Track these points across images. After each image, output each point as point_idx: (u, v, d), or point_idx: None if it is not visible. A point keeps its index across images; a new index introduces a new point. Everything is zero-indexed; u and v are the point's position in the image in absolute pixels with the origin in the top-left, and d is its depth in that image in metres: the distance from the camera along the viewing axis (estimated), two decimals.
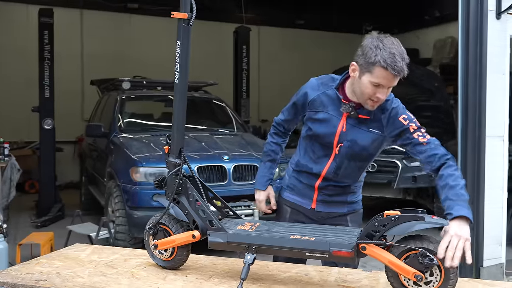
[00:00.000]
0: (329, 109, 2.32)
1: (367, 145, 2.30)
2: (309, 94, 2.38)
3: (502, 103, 4.61)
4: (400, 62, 2.10)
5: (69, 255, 2.50)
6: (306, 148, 2.46)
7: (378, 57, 2.09)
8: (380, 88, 2.14)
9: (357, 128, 2.29)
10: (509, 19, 4.58)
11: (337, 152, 2.33)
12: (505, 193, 4.71)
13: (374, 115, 2.26)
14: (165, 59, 10.98)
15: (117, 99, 6.53)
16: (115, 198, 5.18)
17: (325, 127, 2.33)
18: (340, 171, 2.38)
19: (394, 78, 2.13)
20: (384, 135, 2.28)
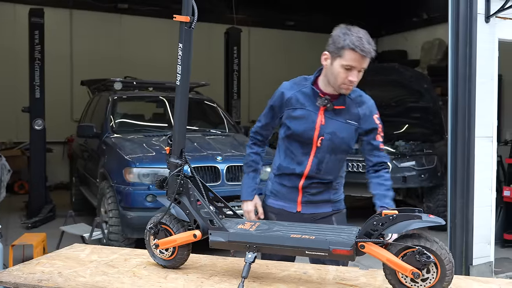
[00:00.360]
0: (306, 105, 2.42)
1: (346, 136, 2.42)
2: (285, 93, 2.47)
3: (491, 105, 4.70)
4: (367, 44, 2.25)
5: (69, 255, 2.52)
6: (286, 150, 2.51)
7: (347, 41, 2.24)
8: (352, 71, 2.28)
9: (335, 121, 2.40)
10: (498, 23, 4.68)
11: (319, 145, 2.42)
12: (493, 193, 4.81)
13: (349, 106, 2.40)
14: (155, 60, 11.06)
15: (109, 100, 6.52)
16: (108, 199, 5.19)
17: (304, 123, 2.41)
18: (322, 166, 2.45)
19: (363, 59, 2.27)
20: (358, 127, 2.42)
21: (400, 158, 6.57)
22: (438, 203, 6.56)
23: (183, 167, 2.21)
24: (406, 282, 1.92)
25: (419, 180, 6.44)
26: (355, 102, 2.40)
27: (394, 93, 7.44)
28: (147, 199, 4.95)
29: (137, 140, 5.77)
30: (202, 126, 6.86)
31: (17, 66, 9.51)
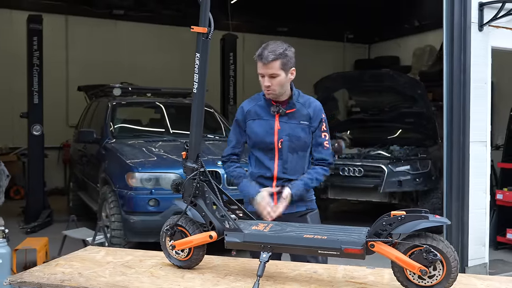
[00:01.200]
0: (263, 115, 2.74)
1: (302, 136, 2.71)
2: (244, 107, 2.81)
3: (484, 111, 4.85)
4: (266, 53, 2.58)
5: (85, 257, 2.60)
6: (255, 159, 2.78)
7: (256, 54, 2.64)
8: (264, 77, 2.64)
9: (290, 124, 2.71)
10: (491, 31, 4.84)
11: (280, 147, 2.69)
12: (488, 196, 4.95)
13: (300, 109, 2.72)
14: (150, 65, 11.14)
15: (109, 106, 6.59)
16: (110, 203, 5.26)
17: (264, 130, 2.71)
18: (287, 165, 2.71)
19: (265, 66, 2.60)
20: (311, 125, 2.73)
21: (395, 163, 6.70)
22: (433, 206, 6.69)
23: (199, 171, 2.30)
24: (414, 279, 2.03)
25: (414, 184, 6.58)
26: (304, 105, 2.74)
27: (389, 98, 7.58)
28: (149, 203, 5.02)
29: (137, 145, 5.84)
30: None
31: (13, 72, 9.52)
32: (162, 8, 11.24)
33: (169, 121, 6.81)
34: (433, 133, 7.36)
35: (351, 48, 14.05)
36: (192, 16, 10.46)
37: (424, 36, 12.48)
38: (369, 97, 7.69)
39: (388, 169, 6.57)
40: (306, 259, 2.59)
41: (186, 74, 10.94)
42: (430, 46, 12.08)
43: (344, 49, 13.92)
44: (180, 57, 11.51)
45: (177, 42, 11.55)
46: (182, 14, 11.54)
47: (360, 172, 6.64)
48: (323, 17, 12.12)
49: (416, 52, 12.40)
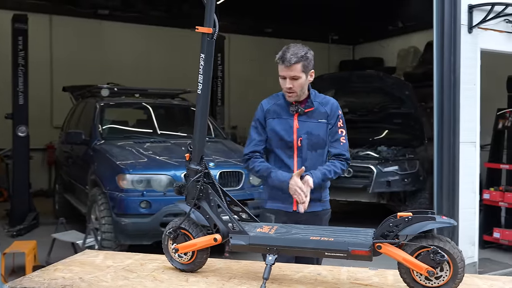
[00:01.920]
0: (282, 114, 2.78)
1: (321, 134, 2.76)
2: (264, 106, 2.84)
3: (474, 111, 4.92)
4: (289, 56, 2.64)
5: (84, 261, 2.56)
6: (274, 159, 2.80)
7: (277, 57, 2.70)
8: (285, 79, 2.67)
9: (308, 122, 2.75)
10: (480, 33, 4.90)
11: (299, 145, 2.73)
12: (477, 196, 5.02)
13: (317, 108, 2.76)
14: (137, 66, 11.05)
15: (97, 106, 6.51)
16: (100, 206, 5.19)
17: (283, 128, 2.75)
18: (307, 163, 2.72)
19: (287, 68, 2.65)
20: (329, 122, 2.78)
21: (384, 163, 6.75)
22: (420, 206, 6.76)
23: (203, 173, 2.28)
24: (421, 280, 2.04)
25: (402, 184, 6.64)
26: (321, 104, 2.79)
27: (377, 99, 7.65)
28: (141, 205, 4.97)
29: (127, 146, 5.78)
30: (189, 133, 6.88)
31: None
32: (149, 9, 11.16)
33: (157, 122, 6.75)
34: (420, 134, 7.45)
35: (336, 49, 14.14)
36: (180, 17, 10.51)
37: (408, 38, 12.62)
38: (358, 98, 7.74)
39: (377, 169, 6.62)
40: (312, 261, 2.57)
41: (173, 75, 11.01)
42: (414, 47, 12.21)
43: (329, 50, 14.00)
44: (167, 58, 11.47)
45: (164, 43, 11.49)
46: (169, 15, 11.48)
47: (349, 172, 6.67)
48: (308, 18, 12.17)
49: (401, 53, 12.53)
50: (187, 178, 2.33)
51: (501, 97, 6.53)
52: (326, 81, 7.87)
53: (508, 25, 5.00)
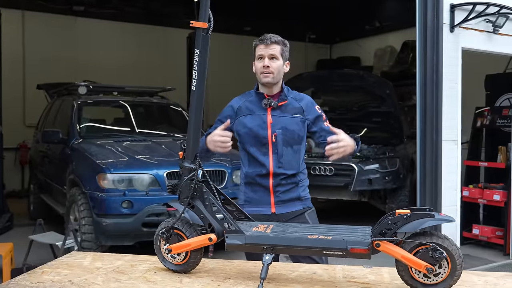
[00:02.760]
0: (255, 110, 2.70)
1: (295, 129, 2.68)
2: (234, 105, 2.77)
3: (456, 110, 4.98)
4: (269, 36, 2.67)
5: (72, 263, 2.47)
6: (248, 158, 2.73)
7: (254, 42, 2.71)
8: (263, 59, 2.64)
9: (283, 117, 2.68)
10: (461, 32, 4.97)
11: (274, 140, 2.65)
12: (458, 193, 5.08)
13: (291, 102, 2.71)
14: (110, 63, 10.87)
15: (74, 104, 6.36)
16: (80, 206, 5.06)
17: (256, 124, 2.68)
18: (283, 159, 2.67)
19: (267, 46, 2.64)
20: (306, 118, 2.71)
21: (365, 161, 6.79)
22: (401, 204, 6.83)
23: (197, 171, 2.22)
24: (419, 277, 2.03)
25: (383, 182, 6.69)
26: (295, 99, 2.73)
27: (357, 98, 7.69)
28: (122, 205, 4.86)
29: (107, 145, 5.66)
30: (169, 131, 6.81)
31: None
32: (125, 6, 10.98)
33: (136, 120, 6.65)
34: (399, 132, 7.52)
35: (313, 48, 14.19)
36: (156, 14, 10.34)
37: (384, 37, 12.76)
38: (338, 97, 7.77)
39: (359, 167, 6.65)
40: (308, 260, 2.54)
41: (149, 73, 10.87)
42: (391, 47, 12.35)
43: (306, 49, 14.03)
44: (144, 56, 11.31)
45: (140, 40, 11.33)
46: (145, 12, 11.32)
47: (331, 171, 6.69)
48: (286, 17, 12.18)
49: (377, 52, 12.65)
50: (180, 177, 2.27)
51: (478, 96, 6.64)
52: (306, 79, 7.88)
53: (488, 24, 5.08)
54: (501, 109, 6.19)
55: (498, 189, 5.88)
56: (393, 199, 6.87)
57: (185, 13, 11.03)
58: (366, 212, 7.73)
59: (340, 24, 12.96)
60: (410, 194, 7.02)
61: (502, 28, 5.13)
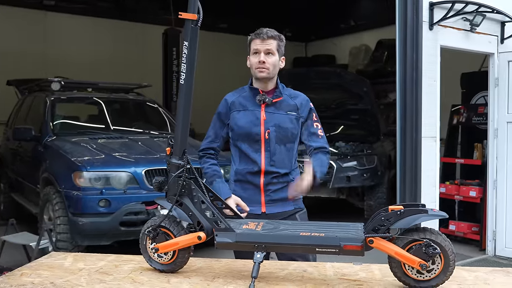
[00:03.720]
0: (248, 106, 2.63)
1: (289, 126, 2.61)
2: (228, 99, 2.69)
3: (435, 107, 5.02)
4: (265, 31, 2.59)
5: (52, 264, 2.37)
6: (239, 154, 2.65)
7: (251, 36, 2.62)
8: (259, 54, 2.57)
9: (277, 114, 2.61)
10: (440, 30, 5.01)
11: (267, 137, 2.58)
12: (437, 190, 5.13)
13: (286, 99, 2.64)
14: (86, 59, 10.62)
15: (47, 101, 6.17)
16: (54, 205, 4.91)
17: (249, 120, 2.60)
18: (275, 157, 2.60)
19: (263, 41, 2.57)
20: (300, 116, 2.65)
21: (343, 159, 6.81)
22: (378, 201, 6.88)
23: (185, 168, 2.15)
24: (412, 274, 2.01)
25: (361, 179, 6.72)
26: (290, 96, 2.66)
27: (335, 96, 7.71)
28: (99, 204, 4.74)
29: (82, 142, 5.51)
30: (145, 128, 6.68)
31: None
32: (97, 0, 10.75)
33: (111, 117, 6.50)
34: (376, 130, 7.57)
35: (289, 46, 13.91)
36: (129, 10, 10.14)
37: (359, 36, 12.86)
38: (316, 94, 7.73)
39: (337, 164, 6.66)
40: (294, 258, 2.51)
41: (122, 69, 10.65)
42: (366, 45, 12.46)
43: None
44: (116, 52, 11.09)
45: (114, 36, 11.11)
46: (117, 6, 11.11)
47: None
48: (262, 15, 12.14)
49: (352, 51, 12.74)
50: (168, 174, 2.19)
51: (454, 94, 6.73)
52: (284, 77, 7.74)
53: (466, 23, 5.13)
54: (476, 106, 6.29)
55: (474, 186, 5.97)
56: (371, 196, 6.91)
57: (160, 8, 10.88)
58: (342, 209, 7.76)
59: (316, 23, 12.99)
60: (388, 191, 7.08)
61: (479, 27, 5.20)
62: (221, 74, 11.19)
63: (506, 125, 5.53)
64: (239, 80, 2.71)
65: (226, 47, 12.05)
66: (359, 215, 7.07)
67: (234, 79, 6.14)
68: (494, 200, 5.66)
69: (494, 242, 5.69)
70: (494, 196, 5.66)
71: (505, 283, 2.15)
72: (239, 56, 12.90)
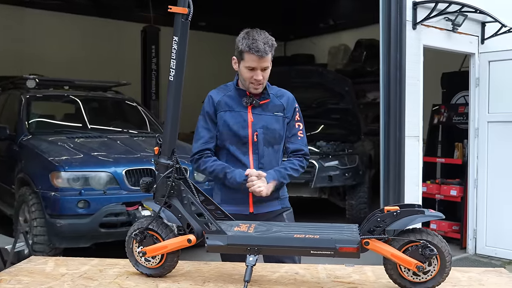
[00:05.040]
0: (234, 107, 2.55)
1: (277, 128, 2.56)
2: (214, 98, 2.58)
3: (417, 107, 5.02)
4: (262, 45, 2.41)
5: (32, 269, 2.26)
6: (227, 156, 2.57)
7: (244, 45, 2.43)
8: (255, 71, 2.45)
9: (264, 116, 2.54)
10: (423, 30, 5.02)
11: (255, 140, 2.52)
12: (420, 189, 5.14)
13: (273, 100, 2.57)
14: (63, 57, 10.38)
15: (22, 99, 5.98)
16: (31, 207, 4.75)
17: (237, 122, 2.52)
18: (263, 160, 2.53)
19: (261, 59, 2.43)
20: (286, 116, 2.59)
21: (325, 158, 6.79)
22: (360, 200, 6.88)
23: (174, 168, 2.07)
24: (408, 275, 1.97)
25: (343, 178, 6.70)
26: (276, 95, 2.60)
27: (316, 95, 7.68)
28: (78, 205, 4.59)
29: (59, 142, 5.34)
30: (124, 127, 6.52)
31: None
32: None
33: (89, 116, 6.34)
34: (357, 129, 7.58)
35: None
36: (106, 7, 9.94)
37: (338, 35, 12.90)
38: (297, 93, 7.65)
39: (319, 164, 6.64)
40: (282, 260, 2.45)
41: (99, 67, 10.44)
42: (345, 45, 12.50)
43: None
44: (97, 49, 10.87)
45: (92, 33, 10.88)
46: (95, 4, 10.89)
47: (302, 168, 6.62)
48: (240, 14, 12.06)
49: (331, 50, 12.76)
50: (156, 174, 2.11)
51: (435, 94, 6.77)
52: None
53: (448, 23, 5.15)
54: (457, 106, 6.34)
55: (455, 185, 6.01)
56: (352, 196, 6.90)
57: (137, 6, 10.70)
58: (325, 209, 7.75)
59: (295, 22, 12.98)
60: (369, 190, 7.09)
61: (460, 27, 5.23)
62: (199, 74, 11.07)
63: (486, 124, 5.59)
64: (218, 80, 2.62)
65: (205, 46, 11.91)
66: (341, 215, 7.08)
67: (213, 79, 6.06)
68: (475, 199, 5.72)
69: (475, 241, 5.75)
70: (475, 195, 5.71)
71: (499, 284, 2.14)
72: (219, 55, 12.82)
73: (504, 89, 5.50)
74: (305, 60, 12.89)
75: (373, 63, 10.47)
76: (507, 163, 5.47)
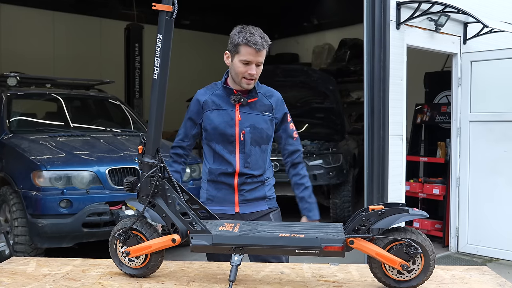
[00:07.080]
0: (222, 105, 2.54)
1: (264, 127, 2.55)
2: (200, 99, 2.57)
3: (401, 106, 5.06)
4: (260, 39, 2.44)
5: (13, 270, 2.22)
6: (213, 154, 2.57)
7: (241, 38, 2.43)
8: (250, 65, 2.44)
9: (251, 114, 2.53)
10: (406, 30, 5.06)
11: (242, 139, 2.51)
12: (403, 188, 5.19)
13: (261, 99, 2.56)
14: (44, 55, 10.24)
15: (2, 97, 5.89)
16: (12, 206, 4.68)
17: (223, 121, 2.51)
18: (250, 159, 2.53)
19: (257, 53, 2.44)
20: (274, 116, 2.59)
21: (309, 157, 6.79)
22: (344, 199, 6.91)
23: (159, 167, 2.05)
24: (393, 274, 1.98)
25: (327, 177, 6.72)
26: (265, 95, 2.59)
27: (301, 94, 7.69)
28: (60, 205, 4.54)
29: (41, 140, 5.27)
30: (106, 126, 6.47)
31: None
32: None
33: (71, 114, 6.27)
34: (341, 128, 7.61)
35: None
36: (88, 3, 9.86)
37: (322, 35, 12.95)
38: (283, 92, 7.67)
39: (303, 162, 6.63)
40: (268, 259, 2.45)
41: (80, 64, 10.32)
42: (329, 44, 12.55)
43: None
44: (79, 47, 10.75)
45: (74, 30, 10.76)
46: (77, 0, 10.76)
47: (276, 166, 6.63)
48: (223, 12, 12.04)
49: (315, 50, 12.81)
50: (139, 173, 2.09)
51: (418, 93, 6.83)
52: None
53: (431, 23, 5.20)
54: (439, 106, 6.41)
55: (437, 183, 6.08)
56: (336, 195, 6.93)
57: (121, 3, 10.61)
58: None
59: (279, 21, 12.98)
60: (353, 189, 7.13)
61: (443, 27, 5.28)
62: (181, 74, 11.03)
63: (468, 124, 5.66)
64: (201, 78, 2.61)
65: (188, 45, 11.87)
66: (324, 214, 7.09)
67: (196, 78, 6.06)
68: (457, 197, 5.78)
69: (457, 239, 5.82)
70: (457, 193, 5.78)
71: (482, 281, 2.16)
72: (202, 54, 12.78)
73: (485, 89, 5.57)
74: (290, 59, 12.93)
75: (357, 63, 10.55)
76: (488, 162, 5.55)
